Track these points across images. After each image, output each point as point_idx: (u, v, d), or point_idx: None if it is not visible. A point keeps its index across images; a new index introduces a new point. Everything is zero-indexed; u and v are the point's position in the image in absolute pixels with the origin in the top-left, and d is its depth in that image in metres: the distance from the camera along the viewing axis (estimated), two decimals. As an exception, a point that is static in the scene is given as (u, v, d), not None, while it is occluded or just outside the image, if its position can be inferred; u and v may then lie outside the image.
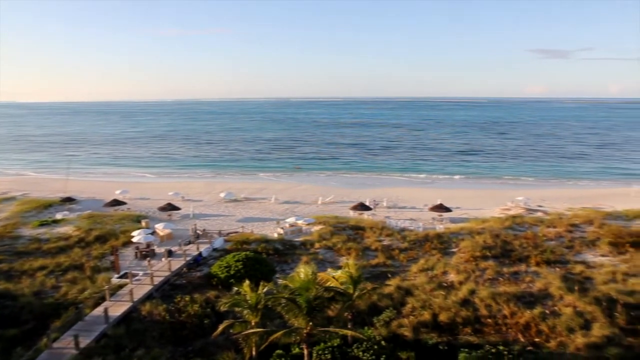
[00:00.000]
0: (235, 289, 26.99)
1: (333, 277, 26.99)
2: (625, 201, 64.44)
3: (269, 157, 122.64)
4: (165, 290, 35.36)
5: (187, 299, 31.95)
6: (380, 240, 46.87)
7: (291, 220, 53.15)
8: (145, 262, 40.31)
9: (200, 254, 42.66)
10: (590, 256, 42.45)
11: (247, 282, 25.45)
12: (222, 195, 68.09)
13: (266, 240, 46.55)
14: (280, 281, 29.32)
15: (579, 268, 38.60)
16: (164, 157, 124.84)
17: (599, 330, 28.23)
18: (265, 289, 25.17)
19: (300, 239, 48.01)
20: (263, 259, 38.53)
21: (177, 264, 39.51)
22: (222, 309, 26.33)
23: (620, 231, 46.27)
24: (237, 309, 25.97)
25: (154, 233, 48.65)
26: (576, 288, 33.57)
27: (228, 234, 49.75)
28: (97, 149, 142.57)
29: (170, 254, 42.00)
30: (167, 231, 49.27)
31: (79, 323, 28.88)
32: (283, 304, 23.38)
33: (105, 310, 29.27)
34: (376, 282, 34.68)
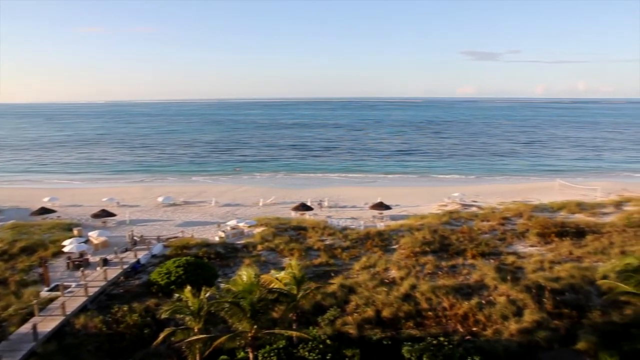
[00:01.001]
0: (177, 295, 26.16)
1: (276, 279, 26.82)
2: (550, 194, 68.97)
3: (208, 159, 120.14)
4: (102, 301, 33.70)
5: (125, 308, 30.62)
6: (322, 240, 47.16)
7: (232, 223, 52.36)
8: (79, 273, 38.22)
9: (138, 261, 41.06)
10: (520, 247, 44.94)
11: (188, 287, 24.73)
12: (160, 199, 65.93)
13: (207, 244, 45.59)
14: (222, 285, 28.79)
15: (511, 259, 40.76)
16: (96, 162, 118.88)
17: (529, 316, 29.91)
18: (207, 294, 24.58)
19: (242, 241, 47.42)
20: (204, 264, 37.63)
21: (113, 272, 37.77)
22: (163, 316, 25.44)
23: (547, 222, 49.41)
24: (178, 316, 25.21)
25: (87, 241, 46.30)
26: (509, 278, 35.42)
27: (167, 239, 48.26)
28: (20, 155, 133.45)
29: (105, 262, 40.10)
30: (102, 239, 47.02)
31: (2, 343, 26.80)
32: (226, 309, 22.95)
33: (34, 327, 27.38)
34: (320, 281, 34.78)
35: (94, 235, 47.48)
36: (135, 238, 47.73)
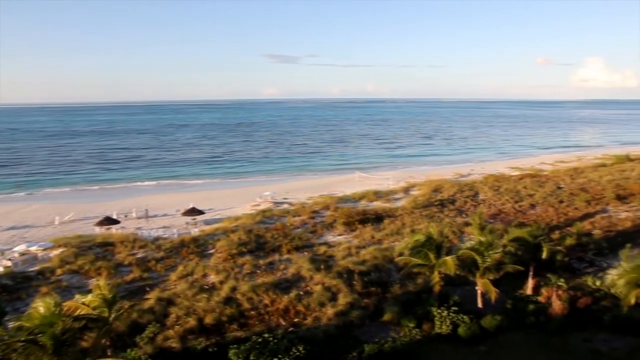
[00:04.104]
0: (-56, 350, 21.39)
1: (83, 304, 24.00)
2: (352, 186, 76.04)
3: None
4: None
5: None
6: (133, 254, 43.93)
7: (21, 248, 45.17)
8: None
9: None
10: (330, 237, 48.51)
11: (-36, 335, 20.46)
12: None
13: (-12, 278, 38.48)
14: (12, 324, 24.59)
15: (322, 249, 43.73)
16: None
17: (343, 299, 32.60)
18: (-8, 337, 20.68)
19: (36, 267, 41.28)
20: (-14, 301, 31.66)
21: None
22: None
23: (350, 212, 54.34)
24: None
25: None
26: (322, 267, 38.04)
27: None
28: None
29: None
30: None
31: None
32: (20, 349, 19.64)
33: None
34: (134, 298, 32.48)
35: None
36: None
